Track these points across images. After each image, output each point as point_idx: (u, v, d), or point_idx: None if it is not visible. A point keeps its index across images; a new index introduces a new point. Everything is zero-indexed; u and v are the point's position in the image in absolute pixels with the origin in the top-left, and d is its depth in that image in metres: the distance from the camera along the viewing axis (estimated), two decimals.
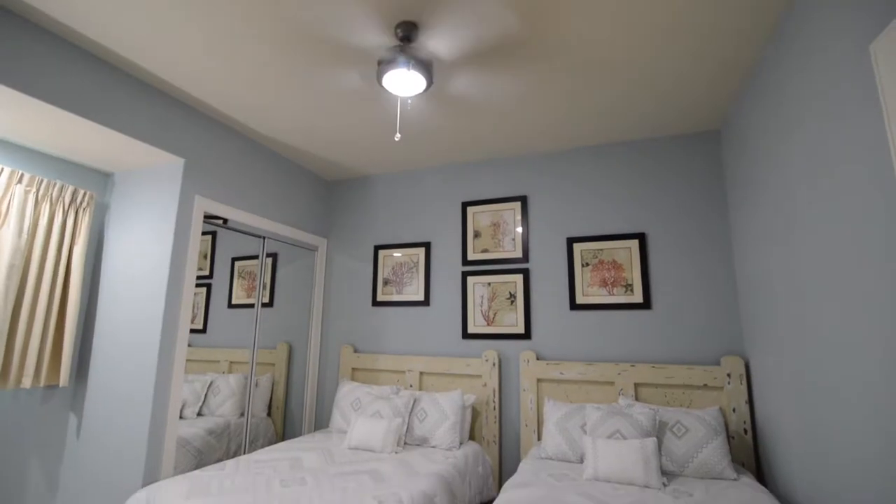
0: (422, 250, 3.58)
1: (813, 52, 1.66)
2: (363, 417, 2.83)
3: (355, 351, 3.61)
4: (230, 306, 3.22)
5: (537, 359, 3.04)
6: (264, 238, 3.34)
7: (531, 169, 3.37)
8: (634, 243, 2.99)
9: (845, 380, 1.56)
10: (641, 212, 3.03)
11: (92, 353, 2.71)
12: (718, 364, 2.69)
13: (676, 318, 2.83)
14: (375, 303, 3.64)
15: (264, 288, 3.33)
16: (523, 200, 3.33)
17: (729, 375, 2.60)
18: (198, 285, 2.87)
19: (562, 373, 2.94)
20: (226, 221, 3.02)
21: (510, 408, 3.11)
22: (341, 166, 3.72)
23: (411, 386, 3.31)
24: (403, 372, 3.37)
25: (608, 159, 3.17)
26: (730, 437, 2.54)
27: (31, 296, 2.47)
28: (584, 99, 2.59)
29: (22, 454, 2.49)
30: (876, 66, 1.25)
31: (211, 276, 3.14)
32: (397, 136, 2.09)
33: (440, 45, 2.09)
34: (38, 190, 2.52)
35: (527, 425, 2.95)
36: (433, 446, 2.80)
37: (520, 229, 3.31)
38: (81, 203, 2.71)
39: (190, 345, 2.71)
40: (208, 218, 2.88)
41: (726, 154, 2.80)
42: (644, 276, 2.93)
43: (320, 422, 3.64)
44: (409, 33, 1.98)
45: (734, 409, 2.57)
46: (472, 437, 3.11)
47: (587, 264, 3.08)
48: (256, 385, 3.21)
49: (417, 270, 3.56)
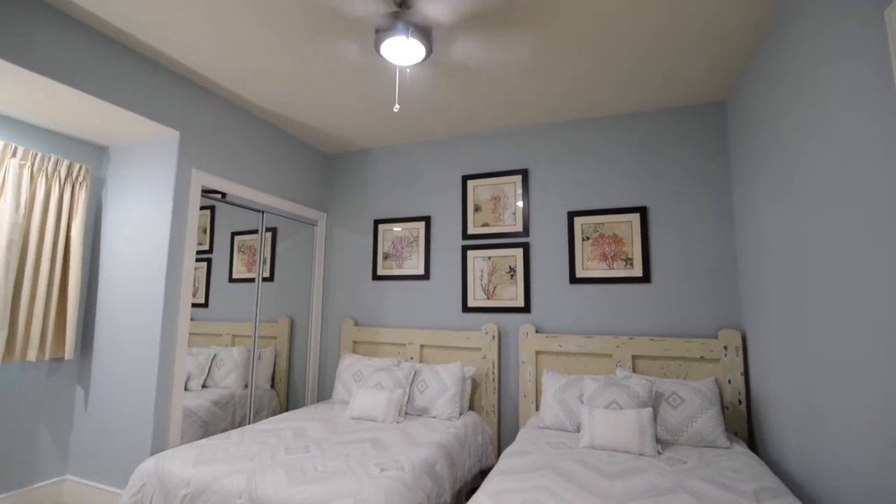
0: (422, 224, 3.56)
1: (823, 18, 1.60)
2: (365, 389, 2.88)
3: (356, 324, 3.65)
4: (231, 281, 3.23)
5: (536, 332, 3.08)
6: (263, 212, 3.32)
7: (532, 142, 3.31)
8: (636, 217, 2.97)
9: (840, 351, 1.58)
10: (644, 185, 3.00)
11: (95, 327, 2.73)
12: (716, 337, 2.72)
13: (675, 292, 2.85)
14: (376, 277, 3.66)
15: (264, 262, 3.34)
16: (524, 174, 3.29)
17: (725, 348, 2.64)
18: (198, 260, 2.88)
19: (560, 345, 2.97)
20: (224, 196, 3.00)
21: (509, 379, 3.16)
22: (340, 139, 3.67)
23: (412, 358, 3.35)
24: (404, 345, 3.42)
25: (612, 132, 3.11)
26: (724, 408, 2.59)
27: (31, 270, 2.47)
28: (587, 67, 2.52)
29: (32, 425, 2.55)
30: (891, 31, 1.21)
31: (211, 250, 3.14)
32: (396, 108, 2.05)
33: (439, 9, 2.02)
34: (33, 164, 2.49)
35: (525, 396, 3.01)
36: (434, 416, 2.86)
37: (520, 203, 3.29)
38: (77, 177, 2.68)
39: (192, 319, 2.74)
40: (206, 192, 2.86)
41: (732, 125, 2.76)
42: (644, 249, 2.93)
43: (323, 393, 3.71)
44: None
45: (729, 381, 2.61)
46: (471, 408, 3.17)
47: (587, 238, 3.07)
48: (259, 358, 3.26)
49: (417, 244, 3.56)
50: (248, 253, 3.30)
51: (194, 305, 2.77)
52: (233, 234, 3.28)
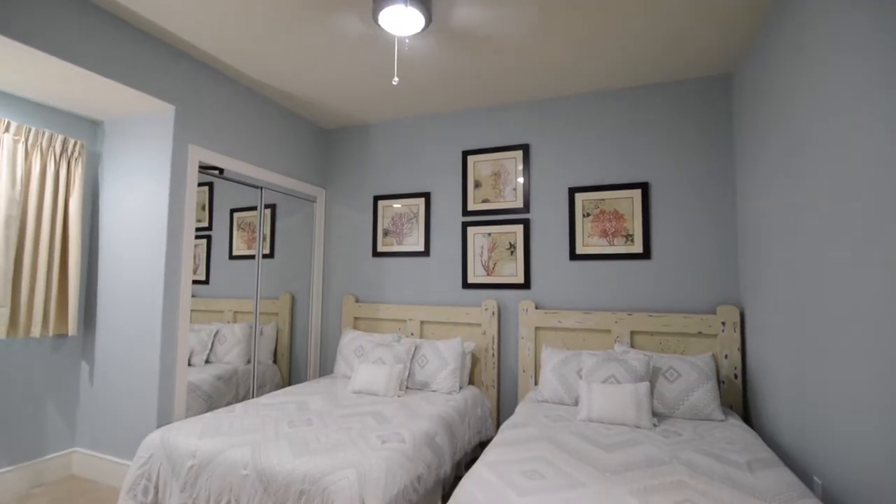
0: (421, 201, 3.54)
1: None
2: (366, 364, 2.92)
3: (357, 301, 3.67)
4: (231, 258, 3.24)
5: (536, 308, 3.09)
6: (262, 189, 3.30)
7: (534, 116, 3.26)
8: (637, 193, 2.95)
9: (839, 328, 1.59)
10: (646, 161, 2.96)
11: (98, 303, 2.75)
12: (714, 313, 2.73)
13: (675, 268, 2.85)
14: (376, 253, 3.66)
15: (264, 239, 3.33)
16: (525, 149, 3.25)
17: (724, 323, 2.66)
18: (197, 237, 2.87)
19: (560, 321, 3.00)
20: (222, 172, 2.97)
21: (509, 355, 3.20)
22: (339, 114, 3.61)
23: (412, 334, 3.39)
24: (405, 321, 3.44)
25: (614, 106, 3.06)
26: (720, 382, 2.63)
27: (31, 247, 2.47)
28: (591, 32, 2.45)
29: (40, 399, 2.59)
30: None
31: (210, 227, 3.13)
32: (395, 80, 2.01)
33: None
34: (28, 139, 2.45)
35: (524, 371, 3.05)
36: (434, 390, 2.91)
37: (521, 179, 3.25)
38: (73, 153, 2.65)
39: (194, 295, 2.75)
40: (204, 168, 2.83)
41: (737, 99, 2.70)
42: (645, 226, 2.91)
43: (325, 368, 3.76)
44: None
45: (726, 356, 2.64)
46: (471, 382, 3.22)
47: (588, 214, 3.05)
48: (261, 333, 3.29)
49: (417, 221, 3.54)
50: (248, 230, 3.29)
51: (195, 282, 2.78)
52: (232, 211, 3.26)
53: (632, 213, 2.96)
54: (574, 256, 3.06)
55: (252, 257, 3.27)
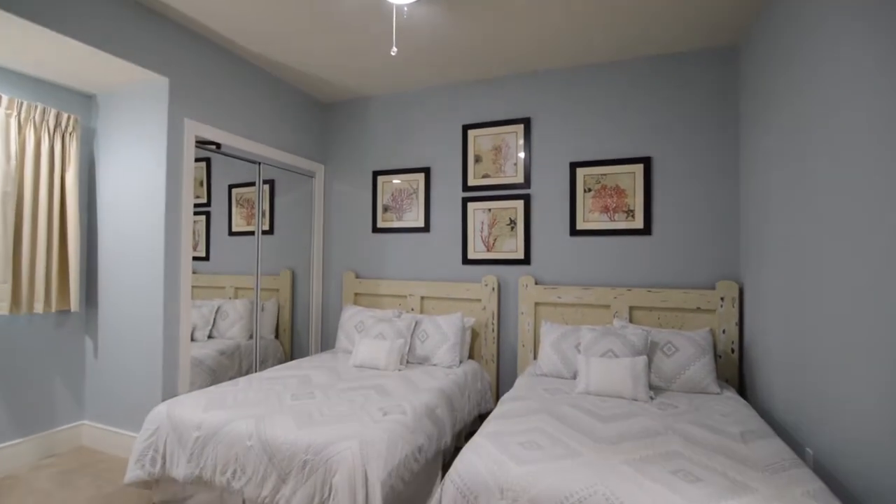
0: (421, 176, 3.51)
1: None
2: (367, 338, 2.95)
3: (357, 277, 3.68)
4: (231, 234, 3.23)
5: (536, 283, 3.11)
6: (260, 164, 3.26)
7: (535, 89, 3.19)
8: (639, 168, 2.91)
9: (838, 304, 1.60)
10: (649, 135, 2.92)
11: (98, 279, 2.76)
12: (713, 288, 2.74)
13: (676, 244, 2.84)
14: (375, 229, 3.65)
15: (263, 216, 3.32)
16: (526, 123, 3.20)
17: (722, 299, 2.67)
18: (196, 213, 2.85)
19: (559, 297, 3.01)
20: (219, 146, 2.93)
21: (508, 329, 3.23)
22: (336, 87, 3.53)
23: (413, 310, 3.41)
24: (405, 296, 3.46)
25: (617, 78, 2.99)
26: (717, 356, 2.66)
27: (29, 224, 2.46)
28: (595, 3, 2.38)
29: (47, 373, 2.63)
30: None
31: (209, 203, 3.11)
32: (394, 51, 1.96)
33: None
34: (20, 113, 2.41)
35: (524, 345, 3.09)
36: (434, 364, 2.95)
37: (522, 154, 3.21)
38: (67, 127, 2.61)
39: (194, 272, 2.75)
40: (200, 143, 2.79)
41: (745, 72, 2.64)
42: (647, 201, 2.89)
43: (326, 343, 3.80)
44: None
45: (724, 331, 2.66)
46: (471, 357, 3.27)
47: (589, 190, 3.03)
48: (263, 309, 3.32)
49: (417, 197, 3.52)
50: (247, 206, 3.27)
51: (195, 259, 2.78)
52: (230, 187, 3.24)
53: (633, 188, 2.93)
54: (574, 232, 3.06)
55: (252, 233, 3.26)
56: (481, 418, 2.93)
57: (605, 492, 1.35)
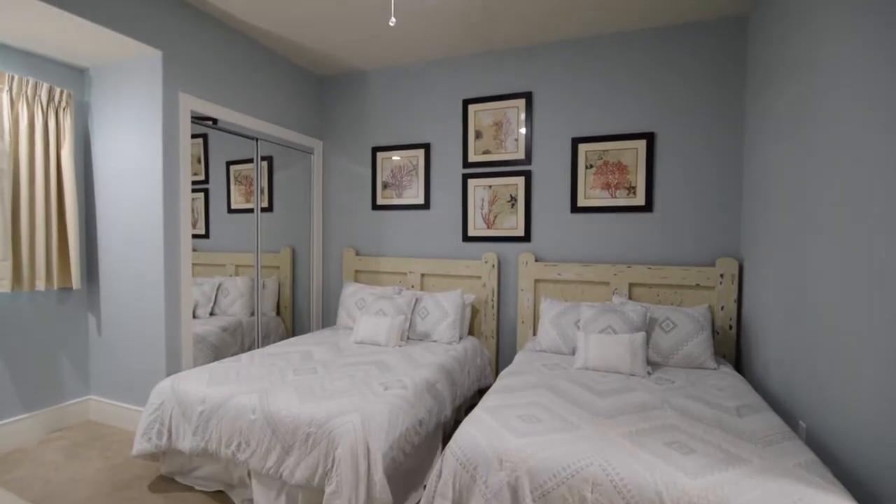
0: (421, 152, 3.47)
1: None
2: (368, 315, 2.97)
3: (357, 254, 3.68)
4: (230, 211, 3.22)
5: (536, 260, 3.11)
6: (257, 140, 3.22)
7: (537, 63, 3.12)
8: (642, 144, 2.87)
9: (837, 281, 1.60)
10: (652, 110, 2.86)
11: (99, 257, 2.76)
12: (713, 265, 2.74)
13: (677, 221, 2.83)
14: (375, 206, 3.63)
15: (262, 193, 3.29)
16: (528, 97, 3.14)
17: (722, 276, 2.67)
18: (195, 190, 2.83)
19: (559, 274, 3.02)
20: (215, 122, 2.88)
21: (508, 306, 3.25)
22: (334, 60, 3.45)
23: (413, 287, 3.42)
24: (405, 274, 3.47)
25: (620, 51, 2.91)
26: (715, 332, 2.68)
27: (27, 201, 2.44)
28: None
29: (52, 350, 2.66)
30: None
31: (207, 180, 3.09)
32: (392, 21, 1.89)
33: None
34: (11, 88, 2.37)
35: (523, 322, 3.11)
36: (434, 340, 2.98)
37: (523, 129, 3.16)
38: (60, 102, 2.56)
39: (194, 249, 2.75)
40: (197, 119, 2.75)
41: (753, 44, 2.57)
42: (649, 178, 2.86)
43: (327, 320, 3.83)
44: None
45: (722, 307, 2.68)
46: (471, 333, 3.30)
47: (591, 166, 3.00)
48: (263, 286, 3.33)
49: (417, 173, 3.49)
50: (246, 183, 3.25)
51: (195, 237, 2.78)
52: (228, 164, 3.20)
53: (636, 164, 2.90)
54: (575, 209, 3.04)
55: (251, 211, 3.24)
56: (481, 393, 2.98)
57: (601, 463, 1.38)
